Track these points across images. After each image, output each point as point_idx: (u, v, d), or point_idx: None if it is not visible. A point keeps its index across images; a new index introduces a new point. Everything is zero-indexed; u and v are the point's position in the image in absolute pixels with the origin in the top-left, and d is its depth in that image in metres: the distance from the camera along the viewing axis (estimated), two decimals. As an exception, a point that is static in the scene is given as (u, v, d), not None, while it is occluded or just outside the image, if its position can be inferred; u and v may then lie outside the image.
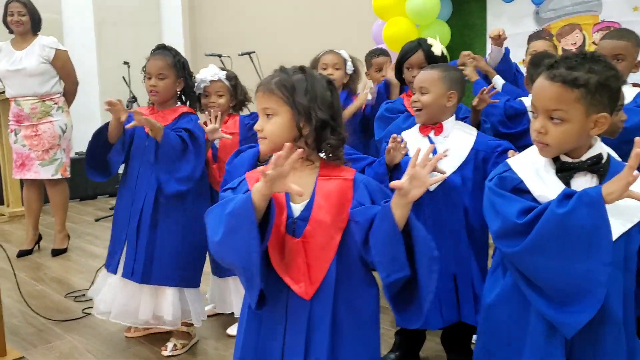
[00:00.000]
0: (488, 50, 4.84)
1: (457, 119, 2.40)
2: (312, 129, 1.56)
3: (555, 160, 1.49)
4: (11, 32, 4.33)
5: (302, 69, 1.63)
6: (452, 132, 2.35)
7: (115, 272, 2.75)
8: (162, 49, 2.79)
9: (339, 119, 1.62)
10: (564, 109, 1.41)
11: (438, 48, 2.73)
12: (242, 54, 5.50)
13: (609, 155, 1.49)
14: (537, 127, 1.47)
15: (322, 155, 1.63)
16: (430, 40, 2.77)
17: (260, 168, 1.53)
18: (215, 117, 2.76)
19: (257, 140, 1.63)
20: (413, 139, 2.36)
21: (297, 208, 1.57)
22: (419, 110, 2.35)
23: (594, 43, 4.27)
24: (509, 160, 1.59)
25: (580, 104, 1.40)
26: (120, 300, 2.71)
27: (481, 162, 2.30)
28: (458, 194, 2.28)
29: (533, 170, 1.51)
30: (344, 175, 1.60)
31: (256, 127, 1.61)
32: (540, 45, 3.18)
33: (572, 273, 1.36)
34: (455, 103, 2.35)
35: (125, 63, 6.00)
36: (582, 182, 1.46)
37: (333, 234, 1.54)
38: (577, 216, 1.33)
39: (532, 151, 1.55)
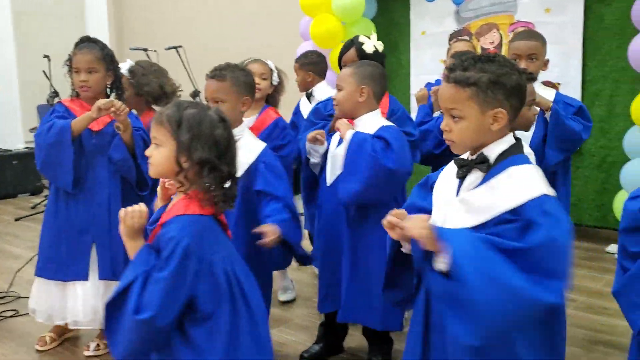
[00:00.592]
0: (411, 49, 5.00)
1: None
2: (192, 166, 1.61)
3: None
4: None
5: (198, 104, 1.69)
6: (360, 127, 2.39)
7: (85, 279, 2.66)
8: (87, 42, 2.69)
9: (226, 157, 1.65)
10: (458, 108, 1.49)
11: (369, 46, 2.79)
12: (169, 48, 5.40)
13: (508, 151, 1.51)
14: (442, 126, 1.55)
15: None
16: (361, 38, 2.82)
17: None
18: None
19: None
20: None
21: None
22: (335, 105, 2.43)
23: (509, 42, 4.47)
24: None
25: (473, 102, 1.47)
26: (98, 305, 2.63)
27: None
28: None
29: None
30: (164, 218, 1.62)
31: (147, 152, 1.68)
32: (460, 46, 3.28)
33: None
34: (368, 98, 2.38)
35: (46, 56, 5.79)
36: (472, 178, 1.52)
37: None
38: None
39: None
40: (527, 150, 1.74)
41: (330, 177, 2.49)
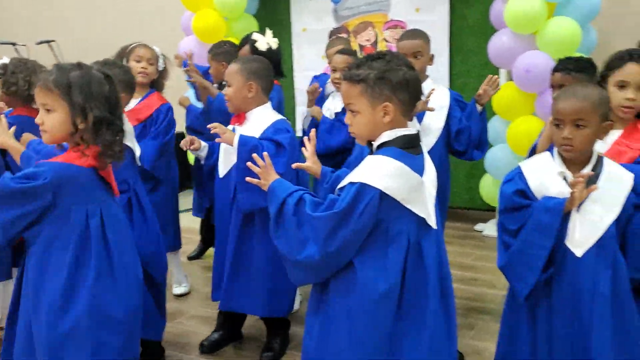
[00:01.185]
0: (293, 45, 5.15)
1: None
2: (88, 126, 1.67)
3: None
4: None
5: (79, 65, 1.73)
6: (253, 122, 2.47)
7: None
8: None
9: (118, 112, 1.74)
10: (353, 102, 1.64)
11: (263, 43, 2.88)
12: (40, 43, 5.17)
13: (388, 143, 1.63)
14: (346, 120, 1.70)
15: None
16: (255, 36, 2.91)
17: None
18: None
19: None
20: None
21: None
22: (227, 101, 2.50)
23: (384, 39, 4.76)
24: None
25: (364, 97, 1.61)
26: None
27: None
28: None
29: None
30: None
31: (37, 120, 1.71)
32: (336, 43, 3.37)
33: None
34: (257, 93, 2.45)
35: None
36: None
37: None
38: None
39: None
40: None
41: (222, 169, 2.56)
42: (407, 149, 1.62)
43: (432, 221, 1.64)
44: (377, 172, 1.55)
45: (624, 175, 1.76)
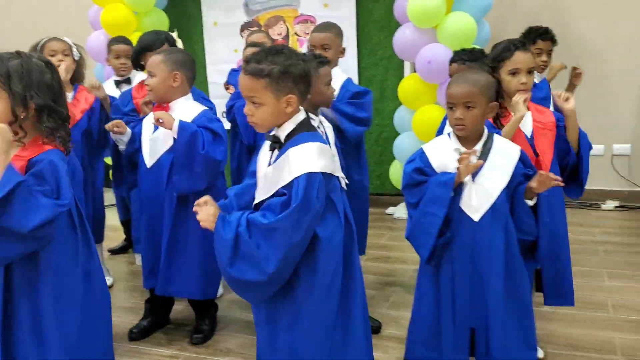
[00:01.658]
0: (205, 39, 5.20)
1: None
2: (29, 114, 1.68)
3: None
4: None
5: (18, 53, 1.73)
6: (178, 112, 2.53)
7: None
8: None
9: (60, 99, 1.76)
10: (257, 95, 1.73)
11: (180, 43, 3.01)
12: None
13: (295, 130, 1.76)
14: (245, 111, 1.78)
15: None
16: (174, 34, 3.06)
17: None
18: None
19: None
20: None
21: None
22: (149, 92, 2.55)
23: (296, 33, 4.92)
24: None
25: (269, 90, 1.71)
26: None
27: None
28: None
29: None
30: (26, 156, 1.70)
31: None
32: (256, 37, 3.53)
33: None
34: (182, 83, 2.52)
35: None
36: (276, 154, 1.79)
37: None
38: None
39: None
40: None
41: (150, 160, 2.61)
42: (311, 129, 1.77)
43: (343, 182, 1.86)
44: (309, 158, 1.68)
45: (512, 149, 2.01)
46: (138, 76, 3.51)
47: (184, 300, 2.93)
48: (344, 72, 2.97)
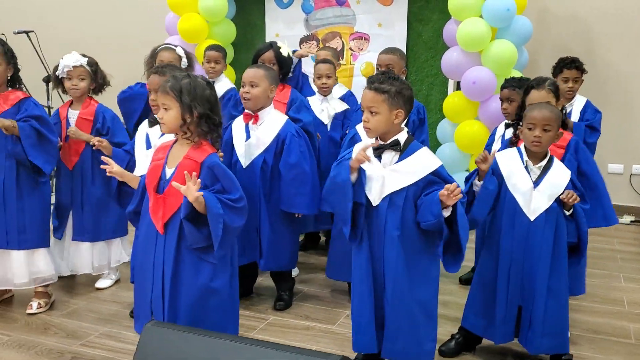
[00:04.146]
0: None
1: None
2: (194, 119, 2.19)
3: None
4: None
5: (188, 75, 2.26)
6: (269, 122, 3.04)
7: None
8: None
9: (215, 109, 2.26)
10: (375, 106, 2.27)
11: (284, 50, 3.51)
12: (18, 32, 5.36)
13: (409, 139, 2.33)
14: (363, 118, 2.33)
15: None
16: (279, 43, 3.55)
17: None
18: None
19: None
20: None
21: (168, 172, 2.23)
22: (248, 100, 3.02)
23: (350, 49, 5.45)
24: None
25: (386, 103, 2.26)
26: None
27: (281, 144, 3.04)
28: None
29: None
30: (197, 158, 2.20)
31: (158, 115, 2.26)
32: (324, 54, 4.06)
33: None
34: (273, 96, 3.06)
35: None
36: (389, 155, 2.32)
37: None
38: None
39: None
40: None
41: (245, 161, 3.06)
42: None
43: None
44: (432, 156, 2.32)
45: (565, 171, 2.50)
46: (223, 81, 4.03)
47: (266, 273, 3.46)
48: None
